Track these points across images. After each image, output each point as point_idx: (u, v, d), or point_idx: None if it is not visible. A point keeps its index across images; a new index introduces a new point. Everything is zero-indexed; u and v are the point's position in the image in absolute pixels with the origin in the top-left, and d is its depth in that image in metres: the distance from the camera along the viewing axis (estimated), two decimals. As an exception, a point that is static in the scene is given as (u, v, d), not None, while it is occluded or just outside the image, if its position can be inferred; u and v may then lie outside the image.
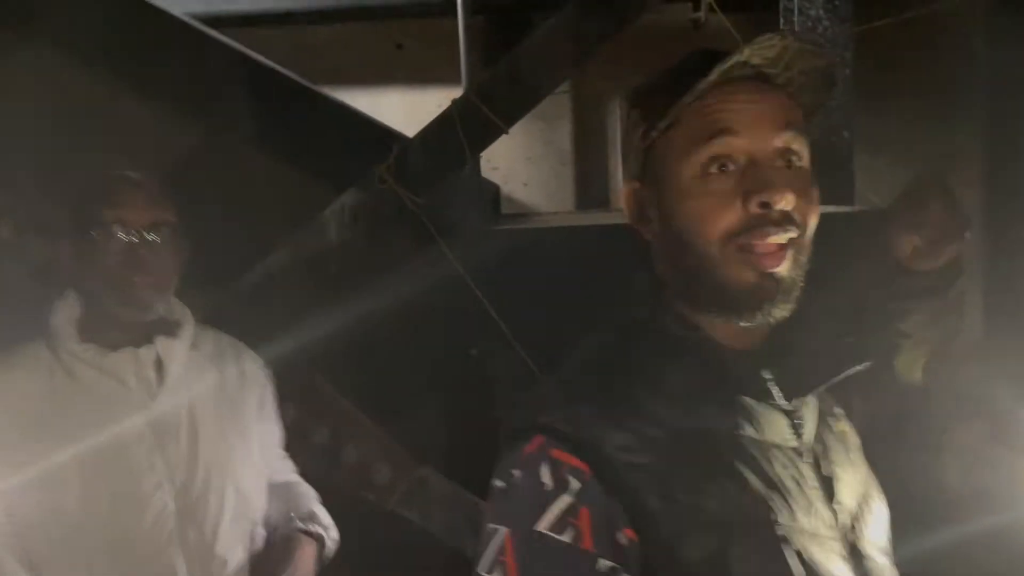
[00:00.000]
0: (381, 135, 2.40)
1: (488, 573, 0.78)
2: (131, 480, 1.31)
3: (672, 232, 0.85)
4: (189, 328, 1.43)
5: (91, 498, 1.28)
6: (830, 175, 2.81)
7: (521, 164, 4.30)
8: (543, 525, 0.76)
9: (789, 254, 0.82)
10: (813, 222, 0.84)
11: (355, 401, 2.10)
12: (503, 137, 1.91)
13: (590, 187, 4.16)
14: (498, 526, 0.79)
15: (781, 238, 0.81)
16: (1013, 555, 1.38)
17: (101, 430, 1.30)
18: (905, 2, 2.79)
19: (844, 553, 0.83)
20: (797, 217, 0.81)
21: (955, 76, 2.97)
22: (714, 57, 0.82)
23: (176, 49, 2.37)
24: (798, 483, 0.83)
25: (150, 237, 1.33)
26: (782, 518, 0.80)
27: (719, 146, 0.82)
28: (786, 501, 0.81)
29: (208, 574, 1.35)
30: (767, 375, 0.87)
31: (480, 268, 2.07)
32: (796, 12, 2.92)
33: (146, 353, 1.36)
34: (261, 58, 2.48)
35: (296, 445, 1.64)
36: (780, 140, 0.82)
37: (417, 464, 1.99)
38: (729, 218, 0.81)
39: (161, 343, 1.37)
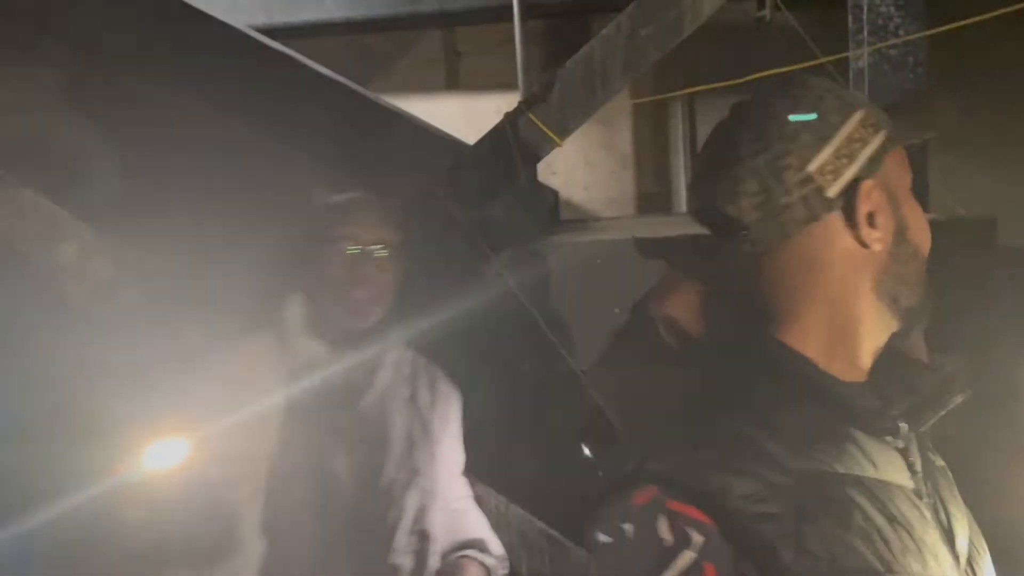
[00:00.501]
0: (445, 145, 2.39)
1: None
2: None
3: (907, 242, 0.80)
4: (397, 342, 1.51)
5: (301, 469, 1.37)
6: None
7: (581, 169, 4.26)
8: None
9: None
10: None
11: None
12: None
13: (651, 191, 4.09)
14: None
15: None
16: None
17: (318, 415, 1.39)
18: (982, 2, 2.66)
19: None
20: None
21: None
22: None
23: (238, 60, 2.40)
24: (923, 529, 0.77)
25: (376, 253, 1.43)
26: (914, 568, 0.74)
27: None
28: (919, 549, 0.75)
29: None
30: (894, 410, 0.80)
31: (538, 280, 2.04)
32: (866, 9, 2.81)
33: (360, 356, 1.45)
34: (328, 71, 2.50)
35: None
36: None
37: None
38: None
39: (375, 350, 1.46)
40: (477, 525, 1.60)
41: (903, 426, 0.79)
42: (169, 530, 1.33)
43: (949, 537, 0.79)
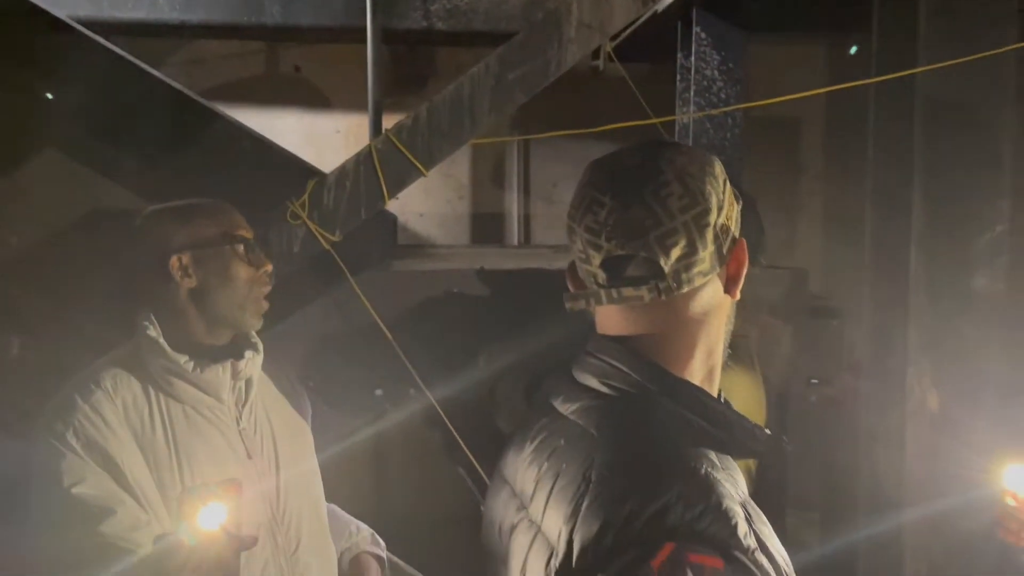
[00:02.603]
0: (281, 162, 2.35)
1: None
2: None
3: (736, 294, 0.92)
4: (260, 351, 1.48)
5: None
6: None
7: (418, 195, 4.29)
8: None
9: None
10: None
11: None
12: None
13: (486, 222, 4.19)
14: None
15: None
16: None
17: (198, 441, 1.35)
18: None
19: None
20: None
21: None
22: None
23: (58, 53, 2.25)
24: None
25: (252, 251, 1.42)
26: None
27: None
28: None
29: None
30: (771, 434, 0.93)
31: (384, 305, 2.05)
32: (693, 71, 3.07)
33: (235, 366, 1.41)
34: (151, 69, 2.39)
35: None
36: None
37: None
38: None
39: (248, 359, 1.42)
40: (354, 522, 1.62)
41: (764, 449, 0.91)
42: None
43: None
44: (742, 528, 0.77)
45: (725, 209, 0.88)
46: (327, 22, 3.73)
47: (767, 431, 0.90)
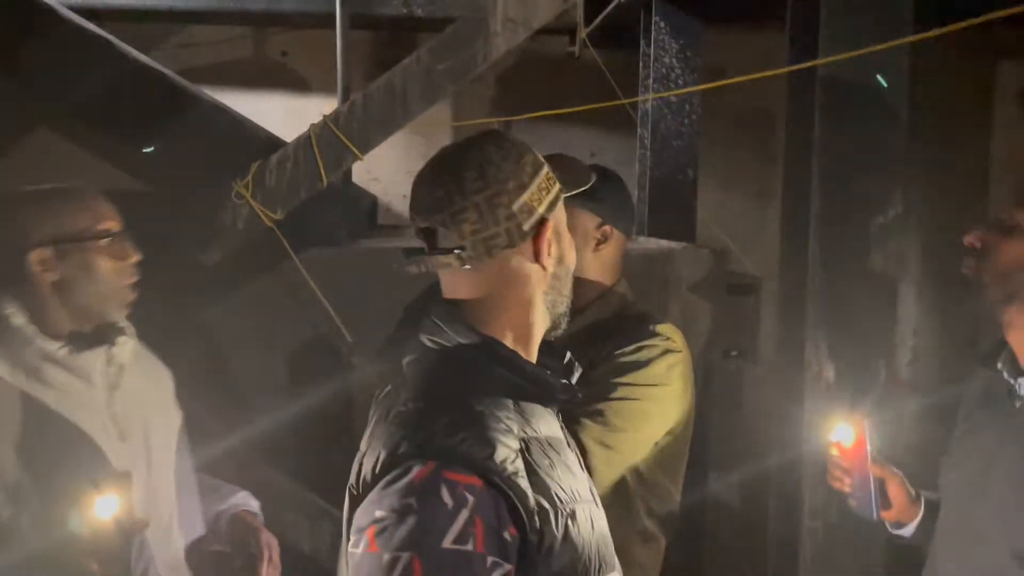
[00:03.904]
0: (264, 142, 2.45)
1: None
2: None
3: (563, 265, 1.09)
4: (132, 333, 1.49)
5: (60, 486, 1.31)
6: (673, 212, 3.09)
7: (401, 176, 4.43)
8: (448, 541, 0.88)
9: None
10: None
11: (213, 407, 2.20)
12: (384, 150, 2.06)
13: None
14: (399, 553, 0.88)
15: None
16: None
17: (68, 427, 1.35)
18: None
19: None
20: None
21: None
22: None
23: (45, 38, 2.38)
24: (570, 461, 1.07)
25: (109, 242, 1.40)
26: (582, 494, 1.03)
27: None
28: (572, 472, 1.05)
29: (169, 553, 1.46)
30: (569, 383, 1.10)
31: (344, 282, 2.19)
32: (652, 59, 3.18)
33: (108, 352, 1.42)
34: (137, 53, 2.51)
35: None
36: None
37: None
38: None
39: (120, 344, 1.43)
40: (222, 485, 1.67)
41: (574, 394, 1.09)
42: None
43: (580, 466, 1.10)
44: (501, 455, 0.94)
45: (529, 192, 1.03)
46: (311, 8, 3.84)
47: (565, 383, 1.07)
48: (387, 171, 4.25)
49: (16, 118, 2.44)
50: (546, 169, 1.08)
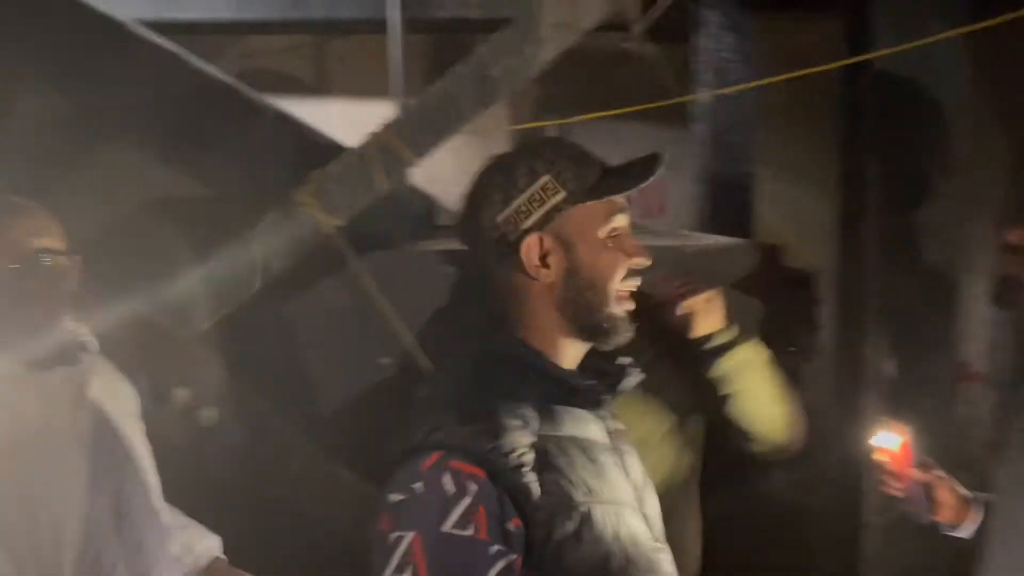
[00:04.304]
0: (325, 147, 2.53)
1: (399, 574, 0.93)
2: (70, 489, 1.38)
3: (580, 276, 1.07)
4: (95, 350, 1.48)
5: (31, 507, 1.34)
6: (731, 207, 3.08)
7: (458, 177, 4.48)
8: (448, 525, 0.94)
9: None
10: None
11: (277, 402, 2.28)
12: (441, 152, 2.11)
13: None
14: (403, 533, 0.94)
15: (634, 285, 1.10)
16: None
17: (39, 445, 1.35)
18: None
19: (641, 520, 1.09)
20: None
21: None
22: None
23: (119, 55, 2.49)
24: (615, 471, 1.08)
25: (44, 262, 1.36)
26: (613, 497, 1.04)
27: (616, 220, 1.08)
28: (612, 485, 1.05)
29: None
30: (601, 388, 1.10)
31: (401, 283, 2.25)
32: (706, 53, 3.17)
33: (71, 372, 1.42)
34: (205, 65, 2.61)
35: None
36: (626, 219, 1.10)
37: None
38: (622, 269, 1.08)
39: (82, 362, 1.43)
40: (192, 527, 1.63)
41: (605, 398, 1.11)
42: None
43: (626, 472, 1.11)
44: (506, 448, 0.98)
45: (514, 206, 1.05)
46: (367, 15, 3.92)
47: (595, 386, 1.11)
48: (444, 172, 4.32)
49: (92, 132, 2.56)
50: (545, 179, 1.06)
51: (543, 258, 1.06)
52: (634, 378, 1.13)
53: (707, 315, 1.62)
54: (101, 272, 1.56)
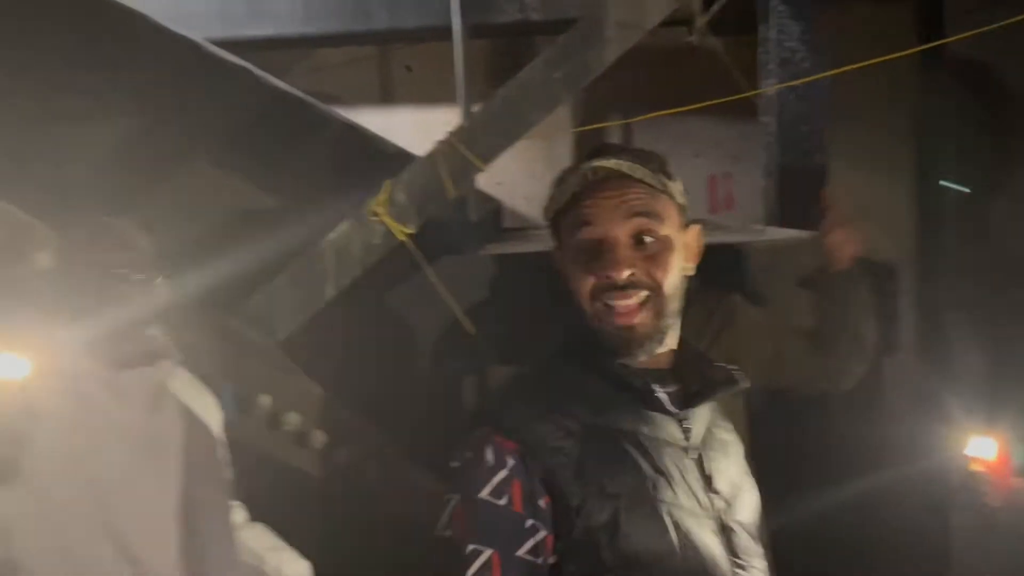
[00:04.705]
0: (394, 155, 2.58)
1: (445, 531, 1.02)
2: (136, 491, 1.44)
3: (569, 288, 1.10)
4: (175, 358, 1.56)
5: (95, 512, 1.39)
6: (803, 200, 3.00)
7: (524, 179, 4.50)
8: (484, 493, 1.01)
9: (645, 309, 1.06)
10: (669, 280, 1.08)
11: (353, 406, 2.33)
12: (507, 155, 2.15)
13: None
14: (452, 495, 1.03)
15: (632, 299, 1.05)
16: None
17: (114, 444, 1.42)
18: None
19: (715, 528, 1.07)
20: (647, 281, 1.06)
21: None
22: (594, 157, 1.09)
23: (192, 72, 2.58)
24: (681, 472, 1.07)
25: (133, 277, 1.45)
26: (665, 496, 1.04)
27: (583, 233, 1.07)
28: (669, 484, 1.05)
29: None
30: (658, 389, 1.10)
31: (474, 287, 2.28)
32: (775, 44, 3.10)
33: (150, 374, 1.50)
34: (275, 79, 2.69)
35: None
36: (627, 227, 1.06)
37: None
38: (588, 284, 1.07)
39: (160, 368, 1.51)
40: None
41: (666, 401, 1.10)
42: None
43: (707, 483, 1.09)
44: (544, 431, 1.03)
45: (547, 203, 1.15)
46: (431, 23, 3.96)
47: (648, 389, 1.10)
48: (510, 175, 4.34)
49: (173, 150, 2.66)
50: (558, 178, 1.13)
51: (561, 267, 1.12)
52: (727, 387, 1.12)
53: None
54: (184, 283, 1.66)
